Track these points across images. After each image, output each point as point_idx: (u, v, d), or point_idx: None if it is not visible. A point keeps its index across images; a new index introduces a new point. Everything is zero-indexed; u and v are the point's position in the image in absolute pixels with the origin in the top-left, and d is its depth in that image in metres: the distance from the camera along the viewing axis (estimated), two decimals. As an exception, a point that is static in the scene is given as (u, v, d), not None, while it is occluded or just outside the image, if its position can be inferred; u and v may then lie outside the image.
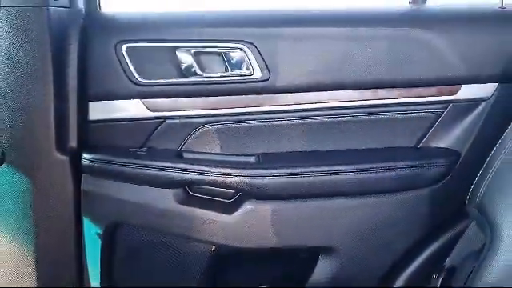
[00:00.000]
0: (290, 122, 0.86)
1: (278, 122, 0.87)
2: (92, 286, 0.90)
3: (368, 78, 0.84)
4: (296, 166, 0.83)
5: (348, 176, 0.83)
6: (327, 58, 0.84)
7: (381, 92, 0.85)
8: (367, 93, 0.85)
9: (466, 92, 0.84)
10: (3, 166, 0.81)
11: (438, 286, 0.78)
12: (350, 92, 0.85)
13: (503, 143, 0.67)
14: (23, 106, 0.80)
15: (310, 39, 0.84)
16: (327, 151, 0.87)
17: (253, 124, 0.87)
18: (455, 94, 0.84)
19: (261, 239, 0.85)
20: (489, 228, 0.65)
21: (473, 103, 0.84)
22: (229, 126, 0.87)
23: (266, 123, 0.87)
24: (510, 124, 0.69)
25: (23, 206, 0.85)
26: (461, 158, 0.83)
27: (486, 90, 0.83)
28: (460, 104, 0.84)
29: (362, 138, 0.87)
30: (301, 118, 0.86)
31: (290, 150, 0.87)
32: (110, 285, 0.91)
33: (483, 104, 0.83)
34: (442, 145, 0.85)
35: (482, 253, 0.65)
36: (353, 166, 0.83)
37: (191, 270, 0.88)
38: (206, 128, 0.87)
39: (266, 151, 0.87)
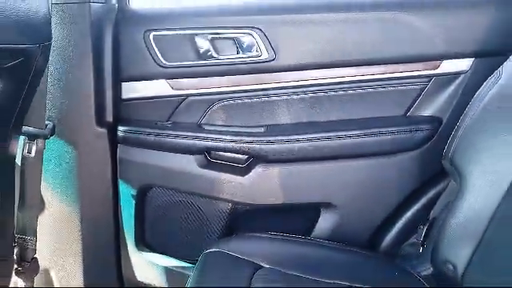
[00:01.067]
0: (294, 96, 1.00)
1: (283, 97, 1.00)
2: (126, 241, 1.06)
3: (361, 57, 0.97)
4: (299, 134, 0.96)
5: (345, 141, 0.96)
6: (325, 40, 0.96)
7: (373, 68, 0.98)
8: (361, 69, 0.98)
9: (447, 67, 0.96)
10: (54, 137, 0.96)
11: (423, 235, 0.90)
12: (346, 69, 0.98)
13: (472, 106, 0.79)
14: (69, 88, 0.95)
15: (309, 24, 0.97)
16: (327, 121, 1.00)
17: (262, 99, 1.01)
18: (437, 68, 0.96)
19: (270, 197, 0.99)
20: (459, 179, 0.78)
21: (453, 76, 0.96)
22: (241, 101, 1.01)
23: (273, 98, 1.00)
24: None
25: (68, 171, 1.01)
26: (443, 124, 0.95)
27: (464, 64, 0.95)
28: (442, 77, 0.96)
29: (358, 108, 0.99)
30: (303, 92, 0.99)
31: (294, 121, 1.01)
32: (142, 240, 1.06)
33: (462, 76, 0.95)
34: (427, 113, 0.98)
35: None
36: (349, 133, 0.96)
37: (212, 226, 1.03)
38: (222, 103, 1.01)
39: (273, 122, 1.01)
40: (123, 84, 0.99)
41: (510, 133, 0.70)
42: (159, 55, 0.98)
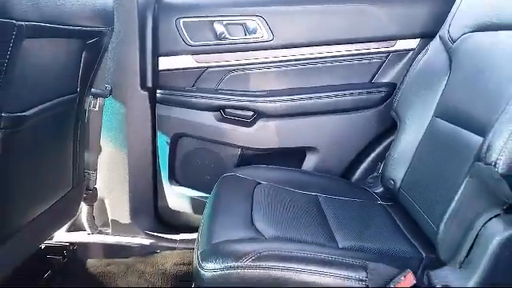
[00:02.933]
0: (286, 68, 1.33)
1: (278, 69, 1.33)
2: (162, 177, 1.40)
3: (337, 38, 1.30)
4: (290, 95, 1.30)
5: (324, 101, 1.30)
6: (309, 26, 1.29)
7: (345, 47, 1.31)
8: (337, 47, 1.31)
9: (400, 45, 1.29)
10: (110, 97, 1.30)
11: (380, 170, 1.23)
12: (326, 47, 1.31)
13: (409, 72, 1.13)
14: (120, 61, 1.28)
15: (298, 13, 1.30)
16: (311, 86, 1.33)
17: (262, 70, 1.34)
18: (393, 46, 1.29)
19: (269, 143, 1.34)
20: (399, 122, 1.12)
21: (404, 52, 1.29)
22: (247, 71, 1.34)
23: (271, 69, 1.34)
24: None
25: (120, 123, 1.34)
26: (396, 88, 1.28)
27: (413, 43, 1.28)
28: (396, 53, 1.29)
29: (334, 77, 1.33)
30: (293, 65, 1.33)
31: (286, 86, 1.34)
32: (173, 176, 1.41)
33: (410, 53, 1.28)
34: (385, 80, 1.31)
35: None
36: (328, 94, 1.30)
37: (226, 165, 1.37)
38: (233, 73, 1.34)
39: (271, 87, 1.34)
40: (160, 58, 1.32)
41: (426, 89, 1.04)
42: (187, 36, 1.31)
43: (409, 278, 0.71)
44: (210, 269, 0.74)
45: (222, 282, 0.72)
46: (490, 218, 0.71)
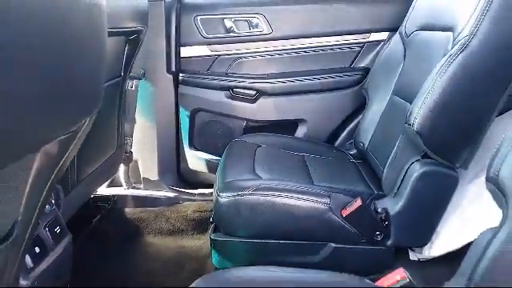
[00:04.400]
0: (282, 55, 1.65)
1: (276, 56, 1.66)
2: (183, 143, 1.75)
3: (323, 31, 1.62)
4: (285, 77, 1.63)
5: (312, 81, 1.63)
6: (300, 21, 1.62)
7: (329, 38, 1.63)
8: (323, 39, 1.63)
9: (373, 37, 1.61)
10: (143, 79, 1.64)
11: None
12: (314, 39, 1.63)
13: (377, 59, 1.46)
14: (152, 51, 1.61)
15: (291, 12, 1.62)
16: (301, 70, 1.65)
17: (263, 57, 1.67)
18: (368, 38, 1.61)
19: (268, 116, 1.68)
20: (368, 99, 1.45)
21: (376, 43, 1.61)
22: (251, 58, 1.67)
23: (270, 57, 1.66)
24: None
25: (150, 100, 1.68)
26: (369, 71, 1.60)
27: (384, 35, 1.59)
28: (370, 43, 1.61)
29: (320, 62, 1.65)
30: (289, 53, 1.65)
31: (282, 70, 1.66)
32: (192, 143, 1.75)
33: (382, 43, 1.60)
34: (362, 65, 1.64)
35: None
36: (315, 77, 1.63)
37: (233, 134, 1.71)
38: (240, 60, 1.67)
39: (270, 71, 1.67)
40: (181, 48, 1.65)
41: (388, 73, 1.36)
42: (202, 30, 1.64)
43: (358, 202, 1.05)
44: (225, 197, 1.09)
45: (233, 204, 1.08)
46: (413, 162, 1.05)
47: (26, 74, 0.42)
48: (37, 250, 0.88)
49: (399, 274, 0.77)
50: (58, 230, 0.97)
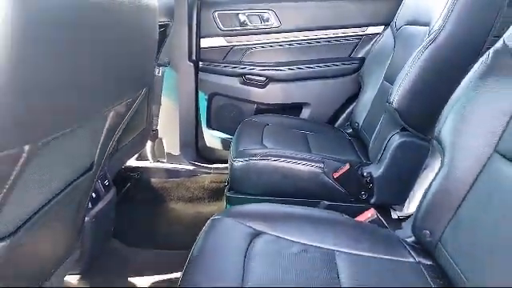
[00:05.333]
0: (290, 46, 1.88)
1: (284, 47, 1.89)
2: (201, 123, 2.00)
3: (325, 25, 1.84)
4: (292, 65, 1.86)
5: (315, 69, 1.85)
6: (306, 16, 1.84)
7: (332, 31, 1.85)
8: (326, 31, 1.85)
9: (370, 30, 1.82)
10: (168, 67, 1.88)
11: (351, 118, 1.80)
12: (318, 31, 1.85)
13: (373, 47, 1.67)
14: (175, 42, 1.85)
15: (298, 7, 1.84)
16: (306, 59, 1.88)
17: (272, 48, 1.90)
18: (365, 31, 1.82)
19: (276, 99, 1.91)
20: (363, 85, 1.67)
21: (373, 36, 1.82)
22: (262, 49, 1.90)
23: (279, 47, 1.89)
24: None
25: (174, 85, 1.93)
26: (365, 61, 1.82)
27: (379, 29, 1.81)
28: (368, 36, 1.83)
29: (323, 53, 1.87)
30: (295, 44, 1.88)
31: (289, 59, 1.89)
32: (209, 123, 2.00)
33: (377, 36, 1.81)
34: (359, 55, 1.85)
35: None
36: (318, 65, 1.85)
37: (245, 116, 1.95)
38: (252, 50, 1.90)
39: (278, 60, 1.90)
40: (201, 39, 1.89)
41: (380, 63, 1.58)
42: (220, 24, 1.87)
43: (347, 166, 1.29)
44: (238, 162, 1.34)
45: (244, 168, 1.32)
46: (393, 134, 1.27)
47: (107, 57, 0.66)
48: (93, 195, 1.14)
49: (370, 213, 1.01)
50: (106, 182, 1.23)
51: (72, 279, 1.22)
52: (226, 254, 0.81)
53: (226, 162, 1.49)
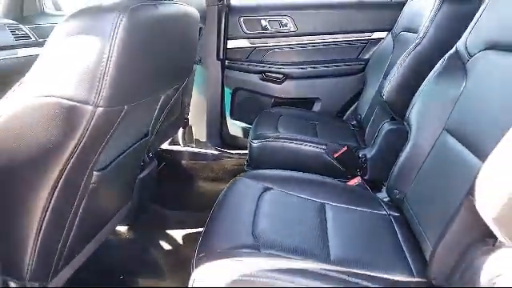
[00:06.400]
0: (305, 48, 2.16)
1: (299, 49, 2.17)
2: (226, 113, 2.30)
3: (336, 30, 2.11)
4: (305, 65, 2.14)
5: (327, 69, 2.13)
6: (319, 22, 2.11)
7: (342, 35, 2.11)
8: (336, 36, 2.12)
9: (375, 35, 2.08)
10: (199, 64, 2.19)
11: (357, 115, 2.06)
12: (329, 35, 2.12)
13: (376, 50, 1.93)
14: (206, 43, 2.16)
15: (313, 14, 2.12)
16: (319, 60, 2.15)
17: (290, 49, 2.18)
18: (371, 36, 2.08)
19: (291, 94, 2.19)
20: (366, 82, 1.93)
21: (378, 40, 2.07)
22: (280, 50, 2.19)
23: (295, 49, 2.17)
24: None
25: (203, 80, 2.24)
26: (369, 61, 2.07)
27: (383, 34, 2.06)
28: (373, 40, 2.08)
29: (333, 54, 2.14)
30: (309, 46, 2.15)
31: (304, 59, 2.17)
32: (232, 113, 2.30)
33: (381, 40, 2.06)
34: (366, 57, 2.11)
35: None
36: (328, 64, 2.12)
37: (264, 106, 2.23)
38: (272, 50, 2.19)
39: (294, 60, 2.18)
40: (228, 41, 2.19)
41: (381, 63, 1.83)
42: (244, 27, 2.17)
43: (345, 148, 1.55)
44: (256, 143, 1.63)
45: (261, 148, 1.61)
46: (384, 123, 1.53)
47: (170, 54, 0.97)
48: (141, 162, 1.45)
49: (357, 179, 1.28)
50: (150, 154, 1.55)
51: (122, 229, 1.55)
52: (242, 201, 1.10)
53: (246, 149, 1.77)
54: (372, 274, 0.85)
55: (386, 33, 2.06)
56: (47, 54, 0.69)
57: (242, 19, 2.16)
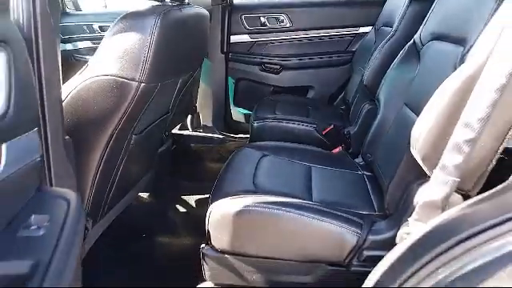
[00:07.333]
0: (300, 42, 2.43)
1: (295, 42, 2.44)
2: (230, 101, 2.58)
3: (327, 25, 2.37)
4: (301, 56, 2.41)
5: (319, 60, 2.40)
6: (312, 19, 2.38)
7: (332, 30, 2.38)
8: (327, 30, 2.39)
9: (362, 30, 2.34)
10: (205, 57, 2.47)
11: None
12: (321, 30, 2.39)
13: (361, 43, 2.20)
14: (211, 38, 2.43)
15: (307, 12, 2.39)
16: (312, 52, 2.42)
17: (286, 43, 2.45)
18: (358, 30, 2.35)
19: (288, 83, 2.47)
20: (352, 72, 2.21)
21: (364, 34, 2.34)
22: (278, 44, 2.46)
23: (291, 43, 2.44)
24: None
25: (209, 71, 2.52)
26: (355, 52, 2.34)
27: (369, 29, 2.32)
28: (360, 34, 2.35)
29: (325, 47, 2.41)
30: (303, 40, 2.42)
31: (298, 52, 2.44)
32: (235, 101, 2.58)
33: (367, 34, 2.32)
34: (353, 49, 2.38)
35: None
36: (320, 56, 2.39)
37: (264, 94, 2.50)
38: (271, 44, 2.46)
39: (290, 52, 2.45)
40: (231, 36, 2.46)
41: (364, 55, 2.10)
42: (245, 24, 2.44)
43: (332, 126, 1.83)
44: (256, 123, 1.90)
45: (260, 127, 1.88)
46: (364, 104, 1.80)
47: (188, 45, 1.24)
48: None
49: (339, 148, 1.56)
50: (166, 133, 1.83)
51: (144, 195, 1.84)
52: (245, 164, 1.38)
53: (248, 133, 2.04)
54: (344, 209, 1.13)
55: (370, 27, 2.32)
56: (105, 44, 0.96)
57: (243, 16, 2.43)
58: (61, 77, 0.76)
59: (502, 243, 0.67)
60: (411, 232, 0.89)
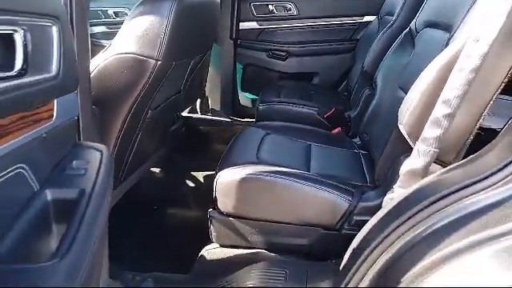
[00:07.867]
0: (305, 30, 2.52)
1: (301, 30, 2.53)
2: (238, 87, 2.69)
3: (332, 14, 2.46)
4: (305, 43, 2.51)
5: (323, 47, 2.49)
6: (319, 7, 2.47)
7: (337, 19, 2.47)
8: (332, 19, 2.48)
9: (366, 19, 2.43)
10: (214, 43, 2.57)
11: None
12: (326, 19, 2.48)
13: (364, 32, 2.29)
14: (221, 25, 2.54)
15: (312, 2, 2.48)
16: (318, 39, 2.52)
17: (293, 30, 2.54)
18: (362, 19, 2.43)
19: (294, 69, 2.57)
20: (355, 59, 2.30)
21: (368, 23, 2.42)
22: (284, 31, 2.55)
23: (297, 30, 2.54)
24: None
25: (217, 57, 2.62)
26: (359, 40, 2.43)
27: (372, 18, 2.40)
28: (364, 23, 2.44)
29: (330, 35, 2.50)
30: (309, 28, 2.51)
31: (304, 39, 2.53)
32: (243, 86, 2.68)
33: (371, 22, 2.41)
34: (357, 37, 2.47)
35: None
36: (325, 43, 2.49)
37: (271, 79, 2.61)
38: (279, 31, 2.56)
39: (296, 39, 2.54)
40: (240, 23, 2.56)
41: (366, 43, 2.19)
42: (254, 12, 2.53)
43: (333, 110, 1.93)
44: (262, 106, 2.02)
45: (266, 109, 2.00)
46: (364, 90, 1.90)
47: (198, 30, 1.35)
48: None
49: (338, 129, 1.67)
50: (178, 113, 1.95)
51: (156, 170, 1.97)
52: (249, 140, 1.50)
53: (255, 117, 2.15)
54: (338, 179, 1.25)
55: (374, 17, 2.41)
56: (126, 26, 1.08)
57: (252, 4, 2.52)
58: (90, 52, 0.88)
59: (467, 204, 0.78)
60: (394, 198, 1.01)
